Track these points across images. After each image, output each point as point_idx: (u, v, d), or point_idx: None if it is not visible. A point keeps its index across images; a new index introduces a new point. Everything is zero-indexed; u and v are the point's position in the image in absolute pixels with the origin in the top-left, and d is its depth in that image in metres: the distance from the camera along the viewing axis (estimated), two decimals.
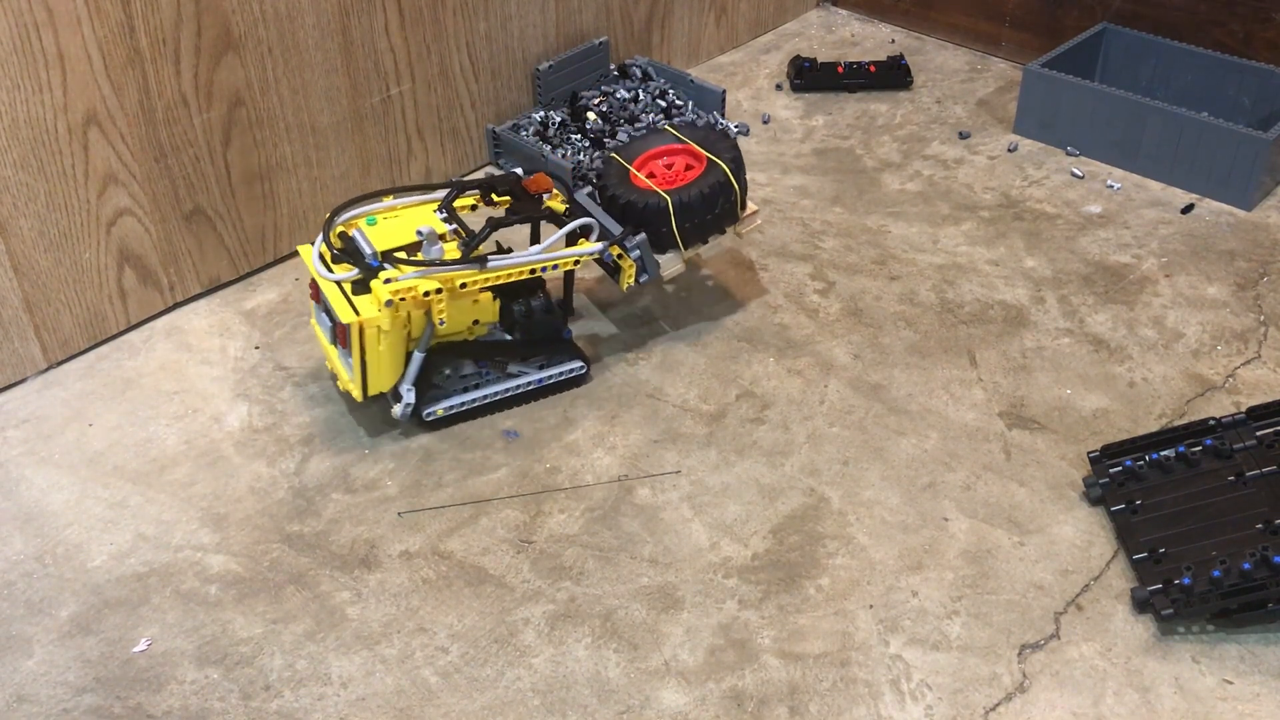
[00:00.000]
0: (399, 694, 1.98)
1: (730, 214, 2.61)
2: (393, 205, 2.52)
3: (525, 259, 2.42)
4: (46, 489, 2.37)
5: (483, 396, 2.50)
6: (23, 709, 1.97)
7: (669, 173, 2.65)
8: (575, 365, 2.56)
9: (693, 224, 2.56)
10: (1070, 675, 2.00)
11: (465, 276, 2.34)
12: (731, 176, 2.56)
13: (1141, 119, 3.21)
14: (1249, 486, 2.15)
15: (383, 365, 2.36)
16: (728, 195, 2.57)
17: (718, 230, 2.62)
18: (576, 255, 2.49)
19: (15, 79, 2.37)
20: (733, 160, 2.58)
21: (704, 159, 2.60)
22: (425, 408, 2.45)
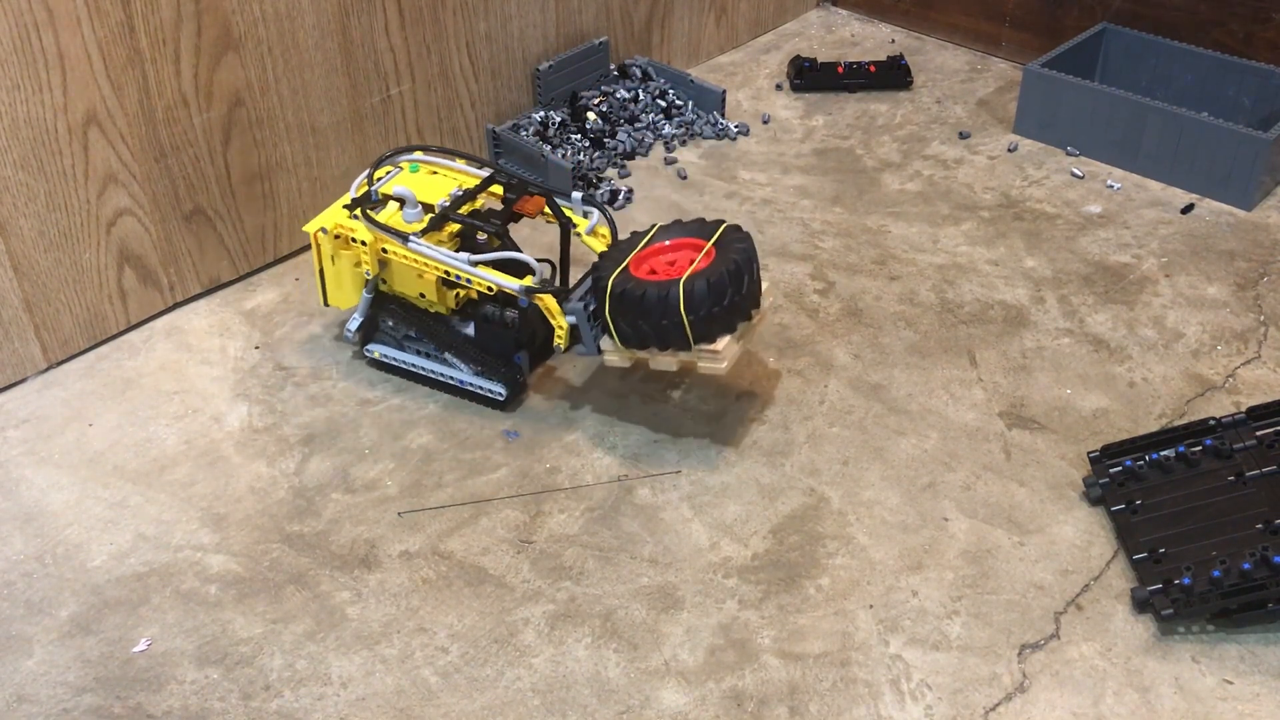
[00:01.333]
0: (399, 694, 1.98)
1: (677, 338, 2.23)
2: (445, 165, 2.60)
3: (445, 259, 2.38)
4: (46, 489, 2.37)
5: (411, 364, 2.57)
6: (23, 709, 1.97)
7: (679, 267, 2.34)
8: (498, 389, 2.50)
9: (627, 321, 2.26)
10: (1070, 675, 2.00)
11: (388, 243, 2.42)
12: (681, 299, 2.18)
13: (1141, 119, 3.21)
14: (1249, 486, 2.15)
15: (336, 284, 2.57)
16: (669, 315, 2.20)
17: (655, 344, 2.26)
18: (491, 282, 2.37)
19: (15, 79, 2.37)
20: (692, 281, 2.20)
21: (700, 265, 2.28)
22: (368, 345, 2.61)
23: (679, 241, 2.38)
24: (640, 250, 2.37)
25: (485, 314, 2.48)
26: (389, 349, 2.59)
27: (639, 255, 2.36)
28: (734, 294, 2.22)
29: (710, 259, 2.29)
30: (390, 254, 2.45)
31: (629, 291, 2.23)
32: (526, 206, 2.49)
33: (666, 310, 2.20)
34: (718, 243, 2.32)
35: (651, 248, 2.38)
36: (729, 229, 2.35)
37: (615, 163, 3.34)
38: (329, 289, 2.61)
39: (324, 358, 2.69)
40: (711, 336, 2.24)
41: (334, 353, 2.70)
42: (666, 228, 2.41)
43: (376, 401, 2.57)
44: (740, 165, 3.38)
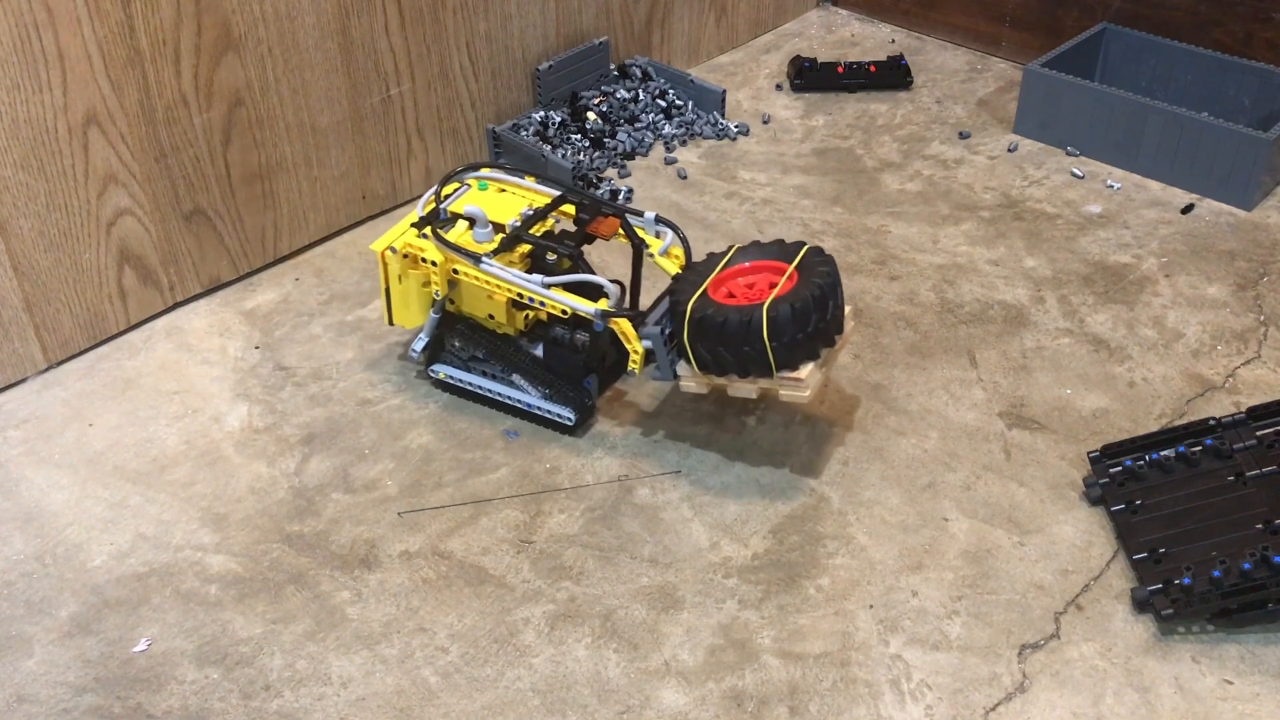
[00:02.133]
0: (399, 694, 1.98)
1: (758, 364, 2.16)
2: (514, 182, 2.55)
3: (518, 281, 2.33)
4: (46, 489, 2.37)
5: (478, 386, 2.51)
6: (23, 709, 1.97)
7: (766, 290, 2.25)
8: (565, 413, 2.44)
9: (705, 346, 2.18)
10: (1070, 675, 2.00)
11: (459, 264, 2.37)
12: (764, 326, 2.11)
13: (1141, 119, 3.21)
14: (1249, 486, 2.15)
15: (402, 303, 2.52)
16: (751, 341, 2.13)
17: (735, 371, 2.19)
18: (566, 305, 2.31)
19: (15, 79, 2.37)
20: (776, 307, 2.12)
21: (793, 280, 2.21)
22: (434, 364, 2.55)
23: (758, 264, 2.29)
24: (719, 273, 2.28)
25: (555, 336, 2.41)
26: (454, 370, 2.53)
27: (717, 278, 2.27)
28: (819, 320, 2.14)
29: (793, 283, 2.20)
30: (461, 275, 2.39)
31: (709, 317, 2.15)
32: (601, 228, 2.41)
33: (749, 336, 2.12)
34: (800, 266, 2.23)
35: (729, 270, 2.29)
36: (811, 251, 2.27)
37: (615, 163, 3.34)
38: (394, 308, 2.55)
39: (324, 358, 2.69)
40: (795, 364, 2.15)
41: (334, 352, 2.70)
42: (744, 249, 2.32)
43: (376, 401, 2.57)
44: (740, 165, 3.38)
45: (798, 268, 2.23)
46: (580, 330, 2.40)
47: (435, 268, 2.40)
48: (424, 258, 2.40)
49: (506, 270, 2.33)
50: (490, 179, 2.57)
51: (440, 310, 2.47)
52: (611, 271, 2.65)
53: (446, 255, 2.37)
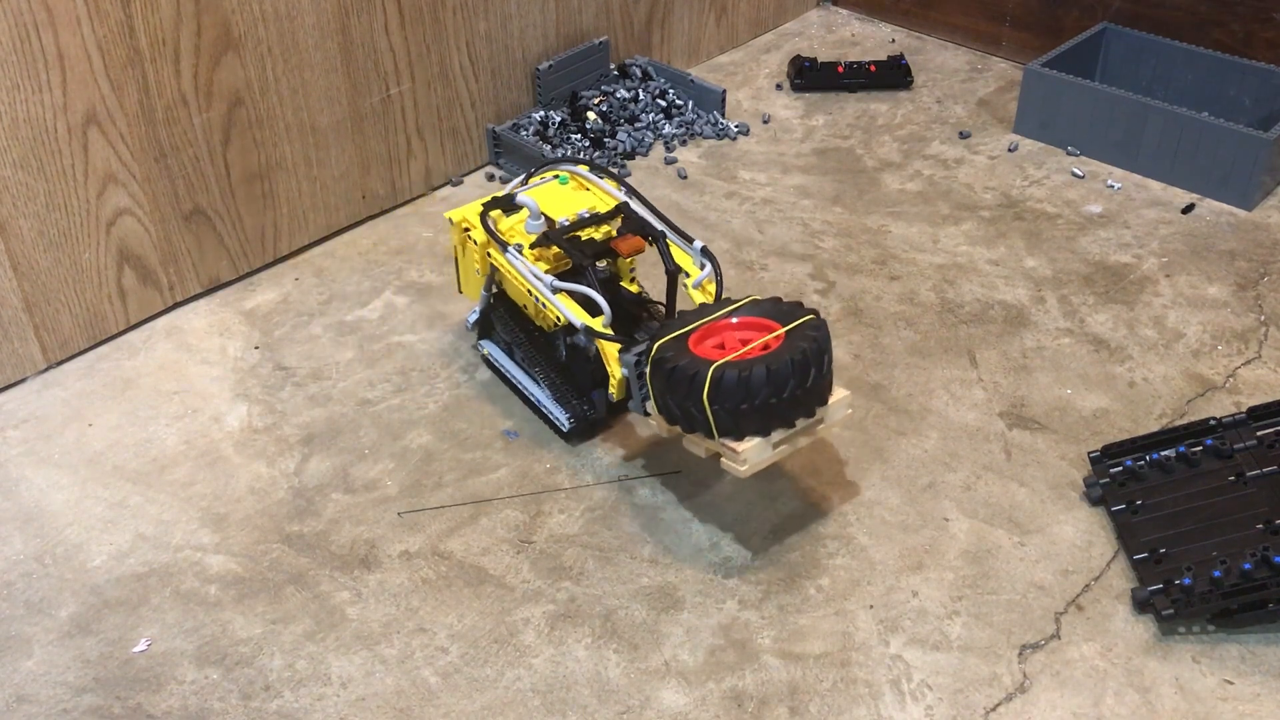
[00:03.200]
0: (399, 694, 1.98)
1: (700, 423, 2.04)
2: (596, 184, 2.54)
3: (529, 276, 2.33)
4: (46, 489, 2.37)
5: (507, 371, 2.56)
6: (23, 709, 1.97)
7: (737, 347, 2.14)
8: (561, 417, 2.42)
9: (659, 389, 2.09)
10: (1071, 675, 2.00)
11: (491, 248, 2.43)
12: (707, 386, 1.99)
13: (1142, 119, 3.21)
14: (1249, 486, 2.15)
15: (467, 275, 2.60)
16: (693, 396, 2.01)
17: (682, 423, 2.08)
18: (559, 311, 2.29)
19: (15, 79, 2.37)
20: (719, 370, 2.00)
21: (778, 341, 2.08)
22: (480, 341, 2.62)
23: (755, 320, 2.15)
24: (714, 320, 2.16)
25: (573, 341, 2.35)
26: (496, 350, 2.59)
27: (711, 325, 2.16)
28: (770, 395, 1.98)
29: (769, 348, 2.06)
30: (493, 259, 2.44)
31: (664, 361, 2.06)
32: (621, 245, 2.36)
33: (691, 393, 2.01)
34: (790, 331, 2.09)
35: (725, 321, 2.17)
36: (809, 322, 2.10)
37: (615, 162, 3.34)
38: (462, 277, 2.64)
39: (324, 358, 2.69)
40: (738, 433, 2.02)
41: (334, 352, 2.70)
42: (759, 303, 2.18)
43: (376, 401, 2.57)
44: (740, 165, 3.37)
45: (788, 332, 2.09)
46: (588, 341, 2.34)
47: (477, 246, 2.46)
48: (471, 235, 2.47)
49: (524, 263, 2.34)
50: (575, 174, 2.57)
51: (489, 288, 2.52)
52: (653, 292, 2.58)
53: (486, 237, 2.42)
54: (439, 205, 3.20)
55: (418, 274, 2.95)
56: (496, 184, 3.28)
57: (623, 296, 2.48)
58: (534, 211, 2.41)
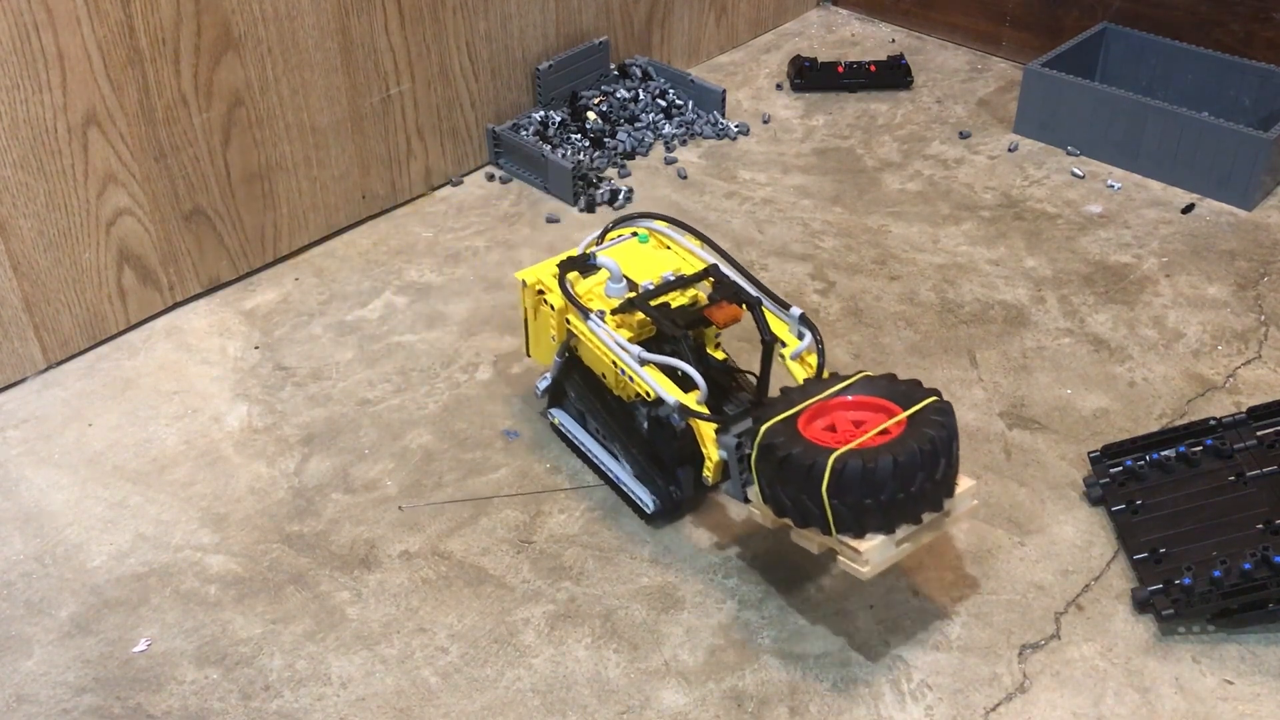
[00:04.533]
0: (399, 694, 1.98)
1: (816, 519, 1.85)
2: (678, 241, 2.36)
3: (614, 347, 2.14)
4: (46, 489, 2.37)
5: (581, 443, 2.38)
6: (23, 709, 1.97)
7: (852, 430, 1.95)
8: (645, 498, 2.24)
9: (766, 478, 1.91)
10: (1071, 675, 2.00)
11: (571, 314, 2.25)
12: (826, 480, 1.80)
13: (1142, 119, 3.21)
14: (1249, 486, 2.15)
15: (537, 338, 2.43)
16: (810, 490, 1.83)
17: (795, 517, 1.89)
18: (648, 387, 2.09)
19: (15, 79, 2.37)
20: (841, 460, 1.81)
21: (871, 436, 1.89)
22: (552, 408, 2.45)
23: (869, 400, 1.97)
24: (826, 399, 1.97)
25: (659, 415, 2.16)
26: (568, 420, 2.41)
27: (822, 405, 1.97)
28: (896, 490, 1.79)
29: (892, 435, 1.88)
30: (573, 325, 2.26)
31: (776, 447, 1.86)
32: (717, 315, 2.17)
33: (808, 484, 1.82)
34: (913, 416, 1.90)
35: (841, 399, 1.98)
36: (933, 404, 1.92)
37: (615, 162, 3.34)
38: (531, 341, 2.45)
39: (324, 358, 2.69)
40: (860, 530, 1.83)
41: (334, 352, 2.70)
42: (873, 380, 2.00)
43: (376, 401, 2.57)
44: (740, 165, 3.37)
45: (910, 417, 1.89)
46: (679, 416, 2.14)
47: (553, 311, 2.29)
48: (547, 299, 2.30)
49: (608, 333, 2.15)
50: (655, 231, 2.39)
51: (563, 354, 2.33)
52: (744, 362, 2.46)
53: (564, 302, 2.24)
54: (439, 205, 3.20)
55: (418, 274, 2.95)
56: (496, 184, 3.28)
57: (710, 364, 2.29)
58: (615, 274, 2.22)
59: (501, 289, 2.89)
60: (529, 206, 3.19)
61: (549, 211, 3.16)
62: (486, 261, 2.98)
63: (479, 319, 2.80)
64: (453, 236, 3.08)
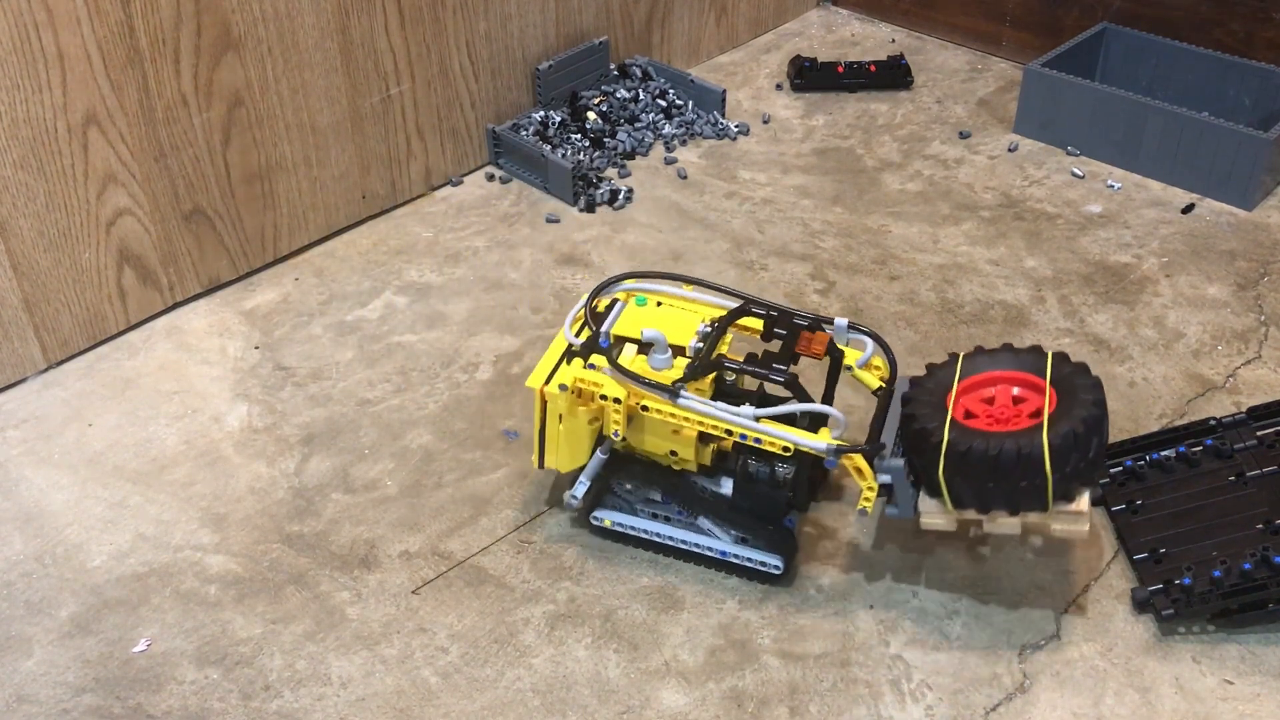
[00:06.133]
0: (399, 694, 1.98)
1: (1033, 498, 1.88)
2: (680, 295, 2.21)
3: (725, 416, 1.98)
4: (46, 489, 2.37)
5: (658, 533, 2.18)
6: (22, 709, 1.97)
7: (1010, 409, 1.98)
8: (772, 560, 2.12)
9: (966, 482, 1.90)
10: (1071, 675, 2.00)
11: (650, 400, 2.02)
12: (1047, 455, 1.84)
13: (1142, 119, 3.21)
14: (1249, 486, 2.15)
15: (560, 445, 2.13)
16: (1029, 474, 1.85)
17: (1005, 507, 1.91)
18: (788, 441, 1.97)
19: (15, 79, 2.37)
20: (1064, 435, 1.84)
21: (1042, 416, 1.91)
22: (597, 510, 2.21)
23: (995, 375, 2.00)
24: (951, 391, 1.99)
25: (751, 472, 2.06)
26: (624, 516, 2.20)
27: (950, 395, 1.98)
28: (1099, 443, 1.88)
29: (1055, 398, 1.92)
30: (652, 411, 2.04)
31: (975, 450, 1.85)
32: (813, 347, 2.06)
33: (1027, 469, 1.84)
34: (1054, 379, 1.96)
35: (963, 383, 2.00)
36: (1058, 358, 1.99)
37: (615, 162, 3.34)
38: (548, 450, 2.16)
39: (324, 358, 2.69)
40: (1071, 494, 1.89)
41: (334, 352, 2.70)
42: (972, 358, 2.04)
43: (376, 401, 2.57)
44: (740, 165, 3.37)
45: (1053, 382, 1.95)
46: (782, 463, 2.06)
47: (618, 404, 2.02)
48: (603, 394, 2.02)
49: (708, 404, 2.00)
50: (645, 291, 2.22)
51: (607, 450, 2.14)
52: None
53: (631, 390, 2.02)
54: (439, 205, 3.20)
55: (418, 274, 2.95)
56: (496, 184, 3.28)
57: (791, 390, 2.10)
58: (662, 345, 2.05)
59: (501, 289, 2.89)
60: (529, 206, 3.20)
61: (549, 211, 3.16)
62: (486, 261, 2.98)
63: (479, 319, 2.80)
64: (453, 236, 3.08)
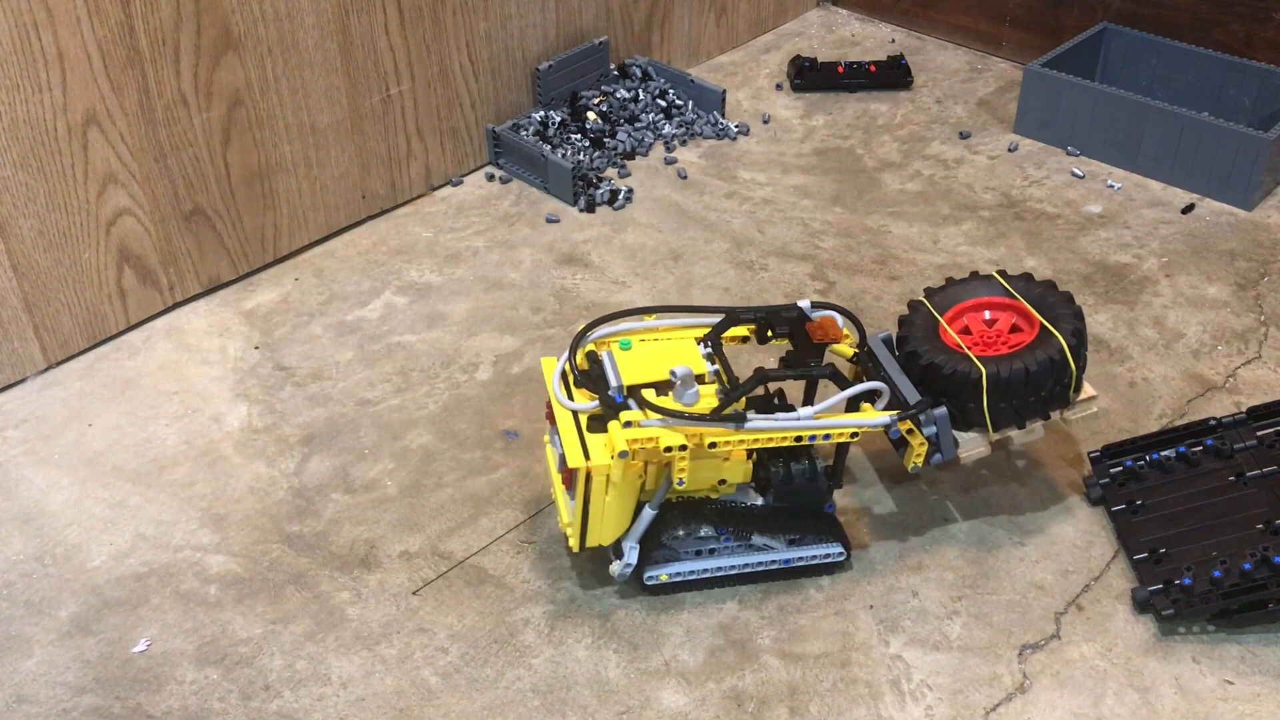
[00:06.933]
0: (399, 694, 1.98)
1: (1060, 398, 2.11)
2: (652, 327, 2.17)
3: (792, 424, 2.00)
4: (46, 489, 2.37)
5: (717, 567, 2.12)
6: (22, 709, 1.97)
7: (988, 332, 2.19)
8: (833, 549, 2.14)
9: (1009, 404, 2.07)
10: (1071, 675, 2.00)
11: (716, 435, 1.97)
12: (1069, 355, 2.06)
13: (1142, 119, 3.21)
14: (1249, 486, 2.15)
15: (608, 517, 2.03)
16: (1060, 377, 2.07)
17: (1040, 414, 2.12)
18: (857, 427, 2.04)
19: (15, 79, 2.37)
20: (1074, 334, 2.08)
21: (1036, 324, 2.13)
22: (649, 570, 2.09)
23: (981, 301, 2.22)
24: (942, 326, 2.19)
25: (788, 474, 2.11)
26: (677, 565, 2.11)
27: (944, 331, 2.18)
28: (1085, 332, 2.14)
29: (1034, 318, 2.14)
30: (720, 445, 1.99)
31: (1015, 372, 2.04)
32: (830, 333, 2.15)
33: (1058, 372, 2.07)
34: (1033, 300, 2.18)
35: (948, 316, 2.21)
36: (1005, 276, 2.23)
37: (615, 162, 3.34)
38: (592, 527, 2.05)
39: (324, 358, 2.69)
40: (1080, 384, 2.16)
41: (334, 352, 2.70)
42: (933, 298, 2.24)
43: (376, 401, 2.57)
44: (740, 165, 3.37)
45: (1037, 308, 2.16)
46: (793, 459, 2.12)
47: (684, 451, 1.96)
48: (666, 446, 1.94)
49: (773, 419, 2.00)
50: (623, 331, 2.16)
51: (657, 504, 2.06)
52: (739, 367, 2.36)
53: (694, 432, 1.96)
54: (439, 205, 3.20)
55: (418, 274, 2.95)
56: (496, 184, 3.28)
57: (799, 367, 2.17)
58: (687, 377, 2.00)
59: (501, 289, 2.89)
60: (529, 206, 3.20)
61: (549, 211, 3.16)
62: (486, 261, 2.98)
63: (479, 319, 2.80)
64: (453, 236, 3.08)
